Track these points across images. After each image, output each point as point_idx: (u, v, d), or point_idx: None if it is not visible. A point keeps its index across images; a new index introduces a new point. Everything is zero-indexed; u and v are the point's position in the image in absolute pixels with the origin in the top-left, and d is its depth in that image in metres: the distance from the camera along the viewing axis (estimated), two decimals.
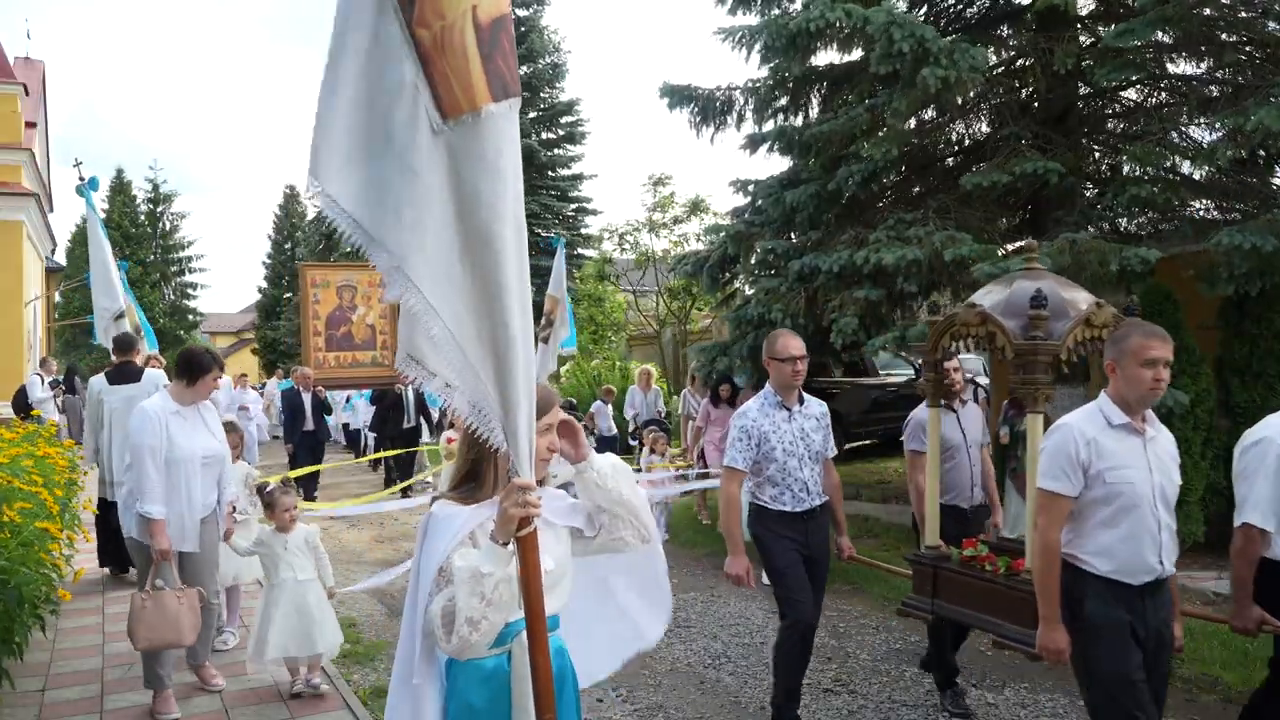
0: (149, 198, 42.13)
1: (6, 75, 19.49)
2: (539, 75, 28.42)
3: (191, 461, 4.40)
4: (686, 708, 4.65)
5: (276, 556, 4.74)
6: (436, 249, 1.83)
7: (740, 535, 4.21)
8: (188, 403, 4.49)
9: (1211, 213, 8.10)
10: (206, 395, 4.57)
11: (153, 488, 4.24)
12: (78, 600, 6.21)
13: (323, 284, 13.12)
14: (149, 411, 4.34)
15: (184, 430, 4.40)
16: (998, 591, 3.82)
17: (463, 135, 1.82)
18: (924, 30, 7.06)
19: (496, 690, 2.11)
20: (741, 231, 9.52)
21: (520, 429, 1.93)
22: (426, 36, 1.77)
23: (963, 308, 4.15)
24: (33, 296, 19.89)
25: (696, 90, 9.49)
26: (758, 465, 4.19)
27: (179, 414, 4.42)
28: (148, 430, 4.28)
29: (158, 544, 4.22)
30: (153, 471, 4.24)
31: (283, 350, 37.85)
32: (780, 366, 4.28)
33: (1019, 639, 3.59)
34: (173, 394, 4.49)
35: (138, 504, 4.25)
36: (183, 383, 4.48)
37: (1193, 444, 6.75)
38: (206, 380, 4.47)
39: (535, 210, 27.07)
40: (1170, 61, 8.11)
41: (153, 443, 4.27)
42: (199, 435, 4.48)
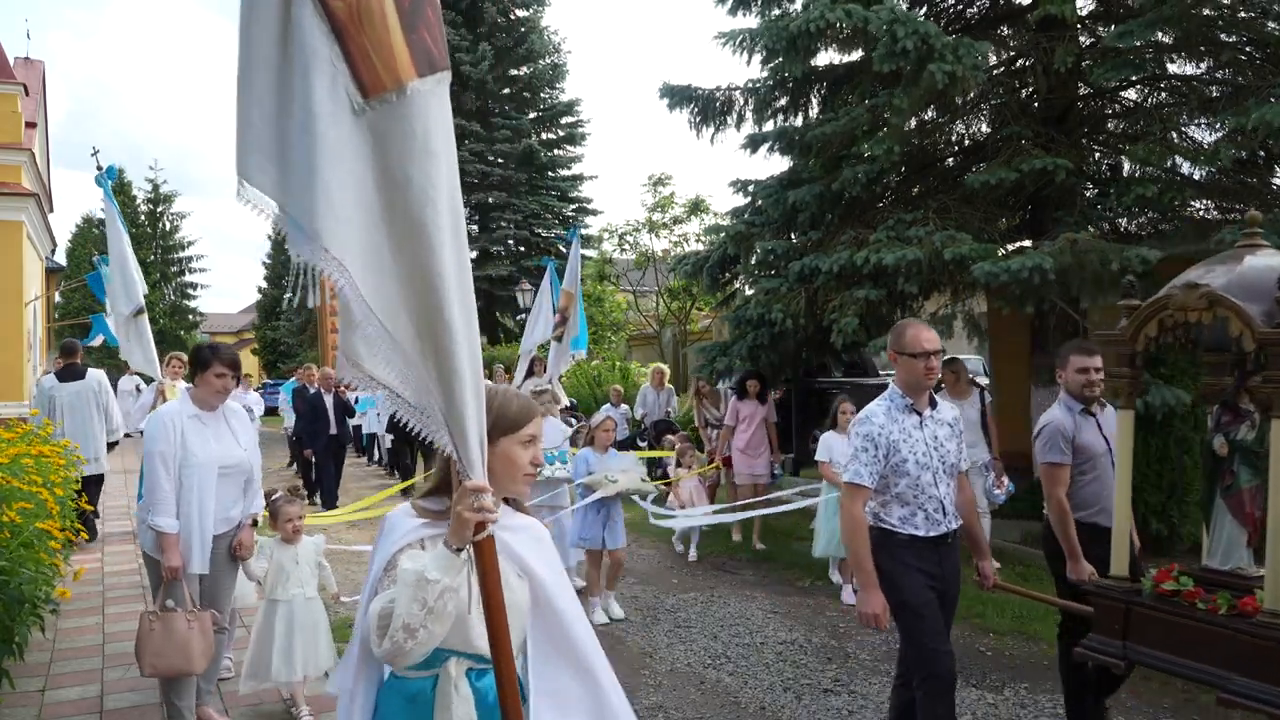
0: (149, 198, 42.20)
1: (6, 75, 19.48)
2: (539, 75, 28.43)
3: (206, 470, 4.01)
4: (686, 708, 4.64)
5: (285, 572, 4.44)
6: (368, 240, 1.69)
7: (872, 568, 3.47)
8: (207, 406, 4.13)
9: (1212, 213, 8.10)
10: (217, 395, 4.13)
11: (164, 499, 3.92)
12: (78, 600, 6.21)
13: None
14: (161, 416, 4.05)
15: (201, 436, 4.04)
16: (1219, 635, 3.02)
17: (387, 115, 1.67)
18: (927, 27, 7.06)
19: (418, 716, 1.94)
20: (741, 232, 9.52)
21: (469, 430, 1.78)
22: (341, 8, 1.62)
23: (1180, 288, 3.38)
24: (33, 296, 19.87)
25: (696, 90, 9.49)
26: (884, 480, 3.52)
27: (197, 418, 4.06)
28: (159, 436, 3.97)
29: (167, 560, 3.92)
30: (164, 481, 3.93)
31: (283, 350, 37.88)
32: (910, 363, 3.54)
33: (1256, 696, 2.84)
34: (192, 396, 4.16)
35: (149, 516, 3.96)
36: (195, 381, 4.17)
37: (1192, 444, 6.74)
38: (206, 377, 4.08)
39: (535, 210, 27.10)
40: (1170, 61, 8.11)
41: (163, 449, 3.95)
42: (219, 442, 4.09)
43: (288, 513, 4.52)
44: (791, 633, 5.85)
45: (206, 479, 4.01)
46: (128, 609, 6.29)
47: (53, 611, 4.95)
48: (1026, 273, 6.51)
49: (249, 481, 4.24)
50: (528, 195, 27.04)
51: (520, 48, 27.97)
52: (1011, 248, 7.95)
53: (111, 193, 8.12)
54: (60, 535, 4.52)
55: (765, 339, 8.87)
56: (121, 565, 7.70)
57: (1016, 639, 5.57)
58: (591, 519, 6.20)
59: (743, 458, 8.65)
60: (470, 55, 26.40)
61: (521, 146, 26.61)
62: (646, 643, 5.70)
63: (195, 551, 4.01)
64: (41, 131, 23.44)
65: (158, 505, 3.93)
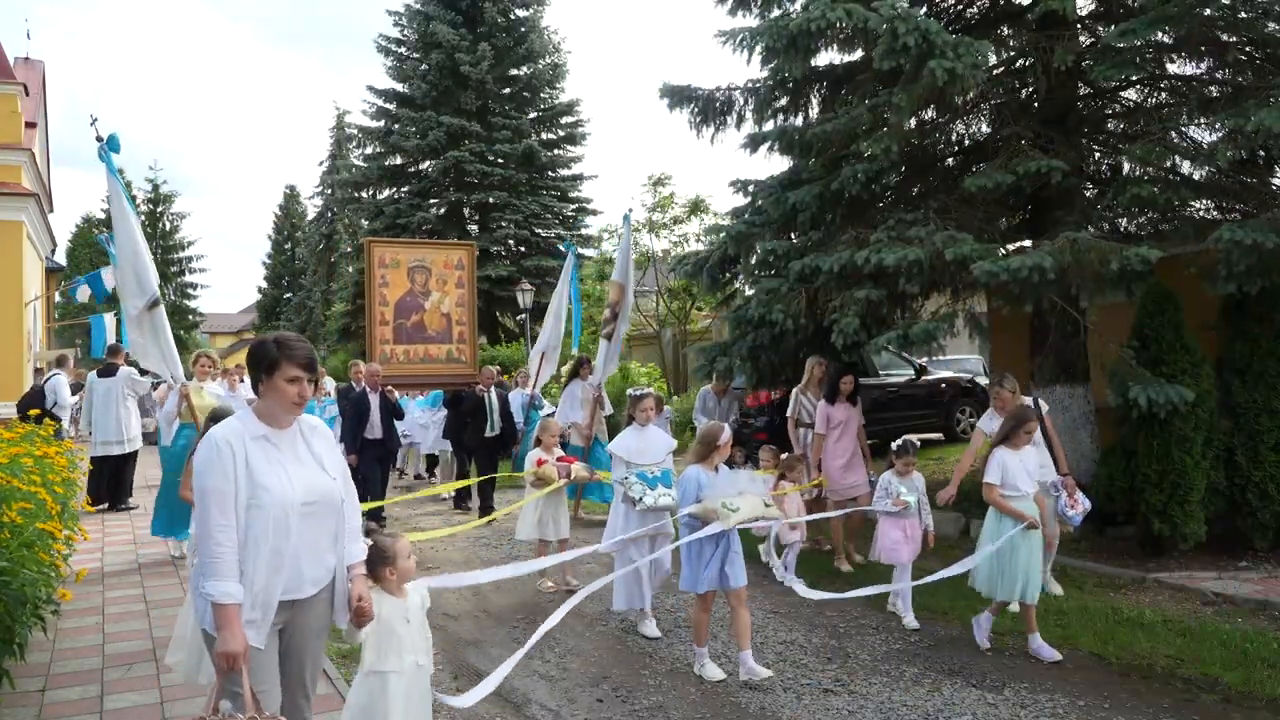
0: (149, 198, 42.22)
1: (6, 75, 19.48)
2: (539, 75, 28.44)
3: (285, 510, 2.88)
4: (686, 708, 4.64)
5: (395, 635, 3.32)
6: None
7: None
8: (279, 422, 3.01)
9: (1212, 213, 8.10)
10: (293, 407, 3.00)
11: (222, 556, 2.77)
12: (78, 600, 6.21)
13: (392, 264, 10.88)
14: (215, 440, 2.87)
15: (274, 464, 2.91)
16: None
17: None
18: (928, 24, 7.05)
19: None
20: (742, 232, 9.51)
21: None
22: None
23: None
24: (33, 296, 19.88)
25: (696, 90, 9.48)
26: None
27: (265, 439, 2.94)
28: (213, 468, 2.83)
29: (225, 644, 2.74)
30: (219, 531, 2.78)
31: None
32: None
33: None
34: (257, 411, 3.04)
35: (201, 580, 2.83)
36: (259, 388, 3.06)
37: (1193, 444, 6.74)
38: (275, 383, 2.96)
39: (535, 210, 27.09)
40: (1170, 61, 8.10)
41: (219, 485, 2.81)
42: (299, 469, 2.98)
43: (403, 549, 3.39)
44: (791, 633, 5.85)
45: (285, 523, 2.89)
46: (128, 609, 6.29)
47: (53, 612, 4.96)
48: (1026, 272, 6.51)
49: (340, 524, 3.08)
50: (528, 195, 27.04)
51: (520, 48, 27.96)
52: (1012, 247, 7.95)
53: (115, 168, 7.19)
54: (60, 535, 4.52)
55: (765, 339, 8.86)
56: (122, 565, 7.71)
57: (1016, 639, 5.57)
58: (708, 554, 4.95)
59: (837, 469, 7.64)
60: (470, 55, 26.39)
61: (521, 146, 26.60)
62: (646, 643, 5.70)
63: (266, 626, 2.88)
64: (41, 131, 23.45)
65: (214, 564, 2.77)
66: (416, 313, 10.96)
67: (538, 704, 4.65)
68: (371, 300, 10.76)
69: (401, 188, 27.96)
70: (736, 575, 4.96)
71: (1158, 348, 6.93)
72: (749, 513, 4.92)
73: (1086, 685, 4.82)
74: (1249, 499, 6.93)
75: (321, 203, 38.24)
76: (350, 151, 35.76)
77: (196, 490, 2.85)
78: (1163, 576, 6.63)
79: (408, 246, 12.13)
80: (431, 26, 26.60)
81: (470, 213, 27.74)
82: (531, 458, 7.05)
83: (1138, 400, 6.47)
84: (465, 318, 11.16)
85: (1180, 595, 6.37)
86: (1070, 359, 8.05)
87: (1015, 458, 5.29)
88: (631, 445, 5.99)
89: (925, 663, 5.25)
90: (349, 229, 35.99)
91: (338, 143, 37.51)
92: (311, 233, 39.28)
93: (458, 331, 11.10)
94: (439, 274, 11.08)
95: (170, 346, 7.19)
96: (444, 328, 11.09)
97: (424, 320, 11.01)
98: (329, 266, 37.54)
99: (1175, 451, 6.71)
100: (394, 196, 27.67)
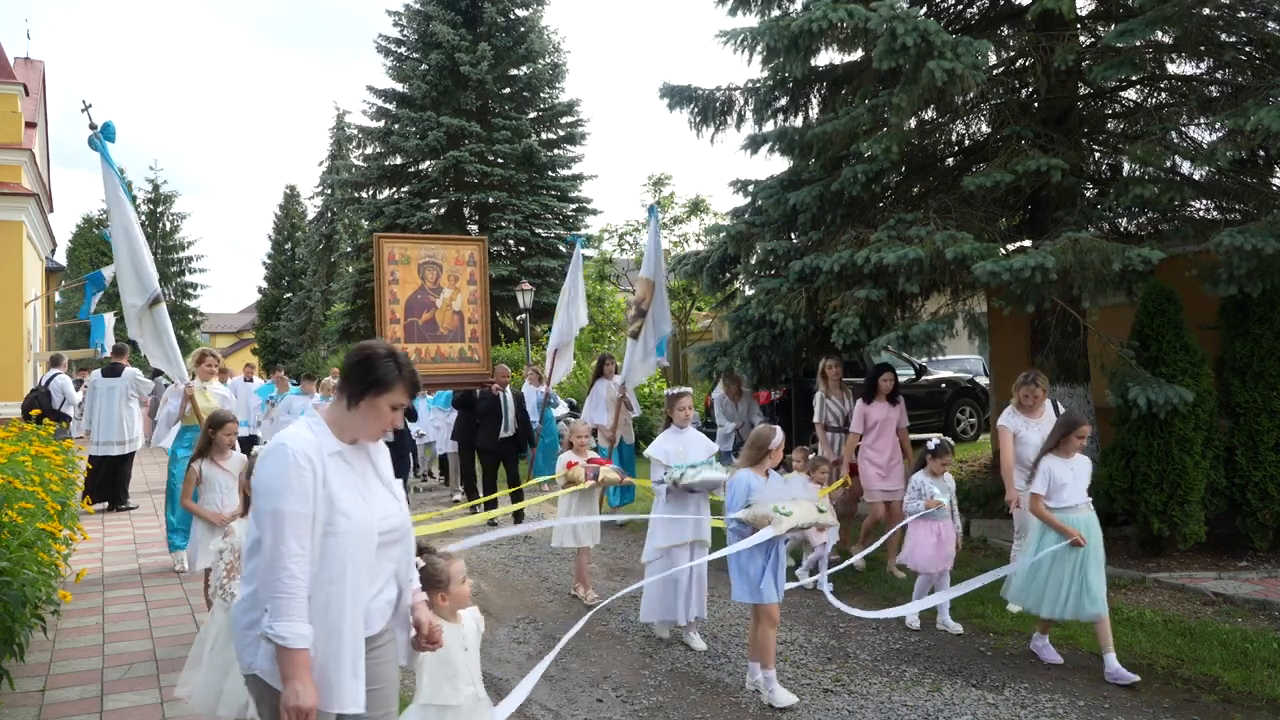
0: (149, 198, 42.22)
1: (6, 75, 19.48)
2: (539, 75, 28.42)
3: (364, 539, 2.48)
4: (686, 708, 4.64)
5: (452, 665, 3.03)
6: None
7: None
8: (359, 438, 2.60)
9: (1212, 213, 8.10)
10: (381, 432, 2.64)
11: (295, 592, 2.33)
12: (78, 600, 6.21)
13: (402, 260, 10.52)
14: (291, 452, 2.41)
15: (353, 487, 2.51)
16: None
17: None
18: (927, 24, 7.05)
19: None
20: (742, 232, 9.50)
21: None
22: None
23: None
24: (33, 296, 19.88)
25: (696, 90, 9.48)
26: None
27: (341, 456, 2.52)
28: (290, 485, 2.38)
29: (296, 698, 2.31)
30: (294, 561, 2.34)
31: (283, 350, 37.89)
32: None
33: None
34: (331, 420, 2.57)
35: (265, 619, 2.34)
36: (345, 399, 2.57)
37: (1193, 444, 6.74)
38: (377, 403, 2.55)
39: (535, 210, 27.08)
40: (1170, 61, 8.11)
41: (297, 509, 2.37)
42: (375, 492, 2.59)
43: (451, 575, 3.07)
44: (791, 633, 5.85)
45: (363, 556, 2.48)
46: (128, 609, 6.29)
47: (53, 612, 4.96)
48: (1028, 272, 6.51)
49: (406, 554, 2.71)
50: (528, 195, 27.02)
51: (520, 48, 27.95)
52: (1012, 247, 7.95)
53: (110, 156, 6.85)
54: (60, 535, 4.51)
55: (766, 339, 8.86)
56: (122, 566, 7.70)
57: (1017, 639, 5.57)
58: (759, 563, 4.69)
59: (875, 472, 7.31)
60: (470, 55, 26.38)
61: (521, 146, 26.58)
62: (646, 643, 5.70)
63: (345, 675, 2.41)
64: (41, 131, 23.45)
65: (286, 601, 2.32)
66: (428, 310, 10.62)
67: (538, 704, 4.65)
68: (381, 298, 10.39)
69: (401, 188, 27.94)
70: (780, 587, 4.78)
71: (1158, 348, 6.93)
72: (802, 518, 4.68)
73: (1086, 685, 4.82)
74: (1249, 499, 6.93)
75: (321, 203, 38.20)
76: (350, 151, 35.71)
77: (266, 511, 2.36)
78: (1163, 576, 6.63)
79: (417, 242, 11.64)
80: (431, 26, 26.58)
81: (470, 213, 27.72)
82: (562, 460, 6.81)
83: (1138, 400, 6.46)
84: (478, 315, 10.82)
85: (1180, 595, 6.37)
86: (1070, 359, 8.04)
87: (1065, 466, 5.04)
88: (670, 448, 5.67)
89: (925, 663, 5.25)
90: (349, 229, 35.95)
91: (338, 143, 37.47)
92: (311, 233, 39.21)
93: (470, 330, 10.77)
94: (450, 270, 10.76)
95: (173, 345, 7.04)
96: (456, 326, 10.75)
97: (435, 318, 10.68)
98: (329, 266, 37.48)
99: (1175, 451, 6.71)
100: (394, 196, 27.65)
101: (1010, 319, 8.65)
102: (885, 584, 6.94)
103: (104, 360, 11.79)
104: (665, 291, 9.20)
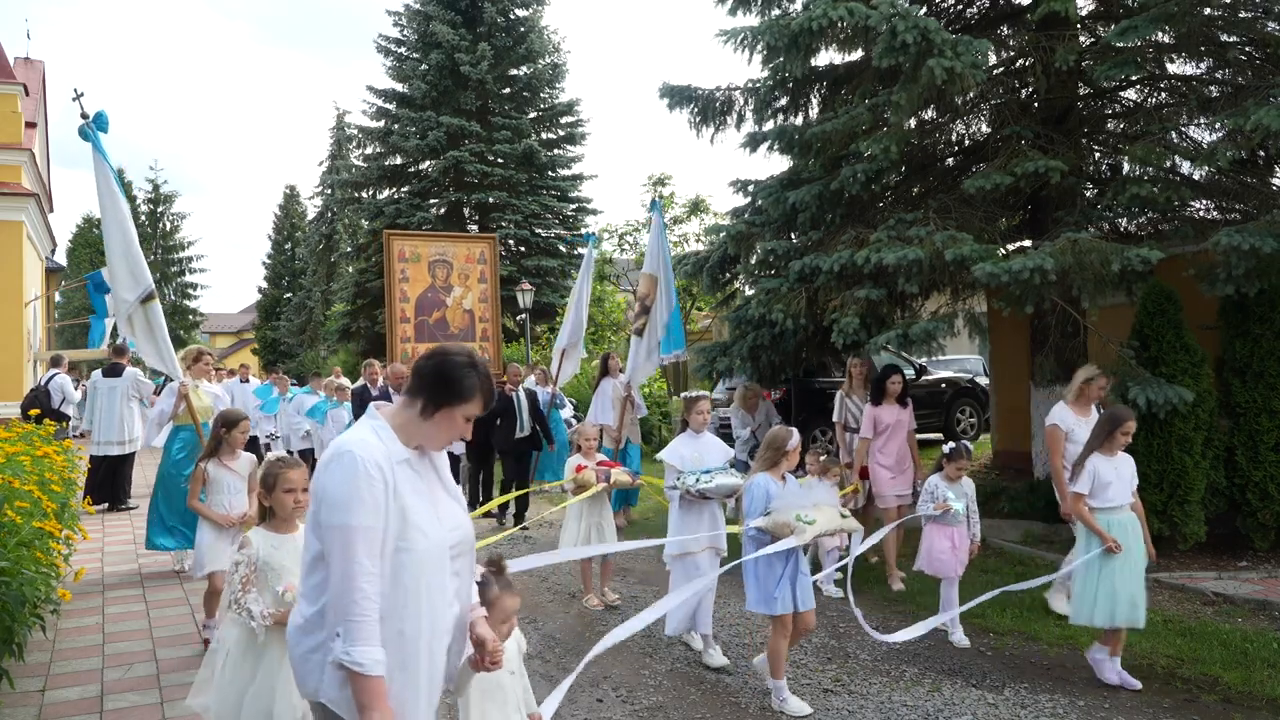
0: (149, 198, 42.26)
1: (6, 75, 19.48)
2: (539, 75, 28.41)
3: (438, 555, 2.30)
4: (686, 708, 4.64)
5: (503, 691, 2.90)
6: None
7: None
8: (425, 446, 2.39)
9: (1211, 213, 8.10)
10: (446, 443, 2.43)
11: (370, 615, 2.14)
12: (78, 600, 6.22)
13: (412, 257, 10.34)
14: (362, 460, 2.19)
15: (420, 495, 2.30)
16: None
17: None
18: (927, 22, 7.05)
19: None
20: (742, 232, 9.51)
21: None
22: None
23: None
24: (33, 296, 19.88)
25: (696, 90, 9.48)
26: None
27: (409, 464, 2.31)
28: (364, 500, 2.16)
29: None
30: (368, 581, 2.14)
31: (283, 350, 37.91)
32: None
33: None
34: (398, 425, 2.34)
35: (338, 644, 2.14)
36: (417, 405, 2.34)
37: (1193, 444, 6.74)
38: (452, 415, 2.35)
39: (535, 210, 27.07)
40: (1170, 61, 8.11)
41: (370, 523, 2.16)
42: (443, 503, 2.39)
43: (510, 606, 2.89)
44: None
45: (437, 577, 2.30)
46: (128, 609, 6.29)
47: (53, 611, 4.96)
48: (1027, 273, 6.51)
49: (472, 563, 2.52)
50: (528, 195, 27.02)
51: (520, 48, 27.94)
52: (1012, 248, 7.95)
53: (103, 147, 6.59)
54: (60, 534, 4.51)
55: (766, 339, 8.85)
56: (122, 566, 7.70)
57: (1016, 639, 5.57)
58: (778, 572, 4.53)
59: (885, 475, 7.12)
60: (470, 55, 26.38)
61: (521, 146, 26.57)
62: (646, 643, 5.69)
63: (421, 709, 2.27)
64: (41, 131, 23.46)
65: (361, 625, 2.13)
66: (438, 309, 10.50)
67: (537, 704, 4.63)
68: (391, 296, 10.21)
69: (401, 188, 27.93)
70: (805, 597, 4.56)
71: (1158, 348, 6.93)
72: (826, 525, 4.49)
73: (1086, 685, 4.82)
74: (1249, 499, 6.93)
75: (321, 203, 38.24)
76: (350, 151, 35.73)
77: (335, 526, 2.15)
78: (1163, 576, 6.63)
79: (428, 239, 11.46)
80: (431, 26, 26.58)
81: (470, 213, 27.71)
82: (571, 463, 6.60)
83: (1137, 400, 6.46)
84: (488, 314, 10.71)
85: (1180, 595, 6.37)
86: (1070, 359, 8.04)
87: (1109, 465, 4.88)
88: (685, 453, 5.41)
89: (925, 663, 5.24)
90: (349, 229, 35.97)
91: (338, 143, 37.49)
92: (311, 233, 39.25)
93: (481, 329, 10.68)
94: (460, 268, 10.62)
95: (167, 343, 6.80)
96: (467, 324, 10.66)
97: (446, 317, 10.56)
98: (329, 266, 37.51)
99: (1175, 451, 6.71)
100: (394, 196, 27.64)
101: (1010, 319, 8.66)
102: (883, 584, 6.93)
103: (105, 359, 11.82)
104: (672, 285, 9.06)
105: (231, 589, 3.41)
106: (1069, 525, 5.86)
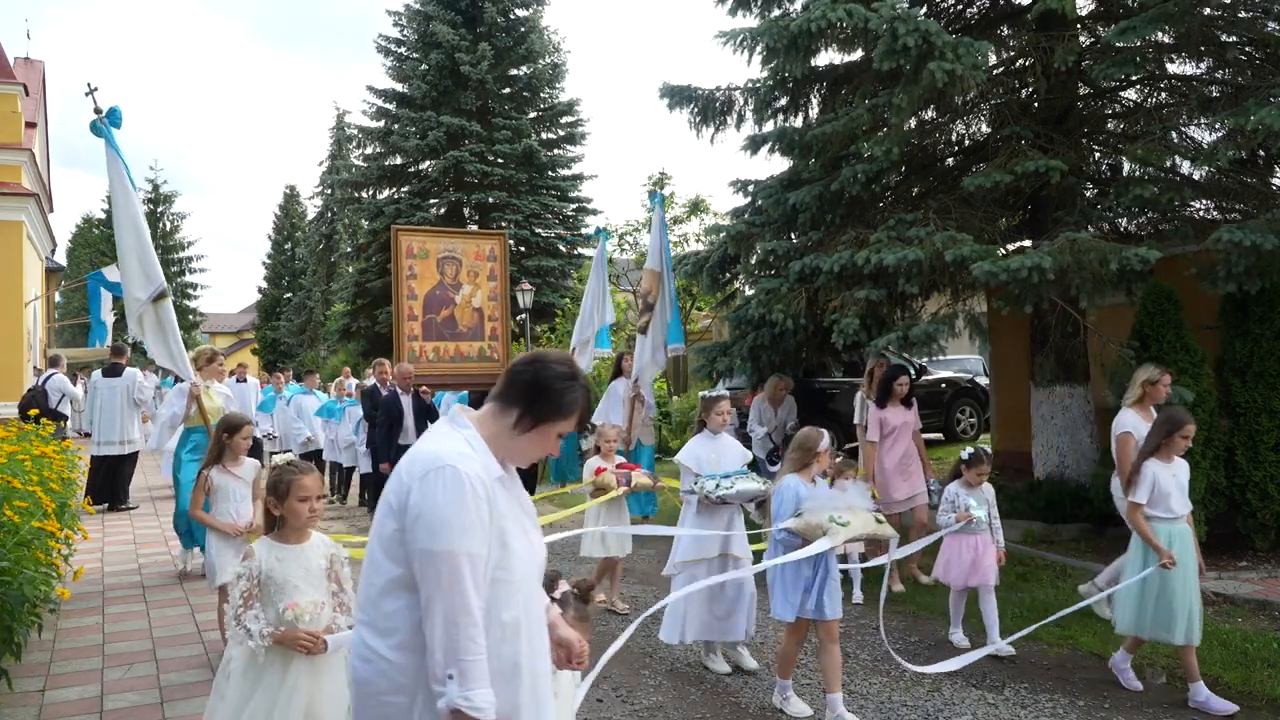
0: (149, 198, 42.21)
1: (6, 75, 19.49)
2: (539, 75, 28.43)
3: (534, 584, 2.17)
4: (686, 708, 4.64)
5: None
6: None
7: None
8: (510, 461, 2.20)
9: (1211, 213, 8.10)
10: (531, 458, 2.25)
11: (479, 654, 1.93)
12: (77, 600, 6.21)
13: (420, 254, 10.03)
14: (468, 477, 1.97)
15: (515, 518, 2.11)
16: None
17: None
18: (928, 24, 7.05)
19: None
20: (742, 232, 9.51)
21: None
22: None
23: None
24: (33, 296, 19.89)
25: (696, 90, 9.48)
26: None
27: (502, 482, 2.09)
28: (471, 523, 1.95)
29: None
30: (476, 610, 1.94)
31: (283, 350, 37.91)
32: None
33: None
34: (489, 437, 2.13)
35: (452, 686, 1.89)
36: (511, 417, 2.13)
37: (1193, 444, 6.72)
38: (548, 430, 2.16)
39: (535, 210, 27.09)
40: (1170, 61, 8.11)
41: (478, 549, 1.96)
42: (532, 525, 2.20)
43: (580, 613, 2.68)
44: None
45: (536, 607, 2.16)
46: (128, 609, 6.29)
47: (52, 611, 4.95)
48: (1026, 272, 6.51)
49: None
50: (528, 195, 27.04)
51: (520, 48, 27.95)
52: (1012, 248, 7.95)
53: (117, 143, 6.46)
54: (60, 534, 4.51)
55: (766, 339, 8.85)
56: (122, 566, 7.70)
57: (1017, 640, 5.56)
58: (806, 578, 4.38)
59: (896, 477, 6.97)
60: (470, 55, 26.39)
61: (521, 146, 26.59)
62: (646, 643, 5.69)
63: None
64: (41, 131, 23.45)
65: (472, 666, 1.91)
66: (447, 307, 10.12)
67: None
68: (399, 293, 9.95)
69: (401, 188, 27.96)
70: (834, 604, 4.38)
71: (1158, 348, 6.92)
72: (860, 529, 4.31)
73: (1086, 685, 4.82)
74: (1249, 499, 6.93)
75: (321, 203, 38.26)
76: (350, 151, 35.75)
77: (439, 552, 1.91)
78: None
79: (436, 235, 11.12)
80: (431, 26, 26.59)
81: (470, 213, 27.72)
82: (590, 466, 6.42)
83: None
84: (498, 312, 10.36)
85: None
86: (1070, 359, 8.04)
87: (1168, 471, 4.60)
88: (702, 454, 5.25)
89: (925, 663, 5.24)
90: (349, 229, 35.99)
91: (338, 143, 37.51)
92: (311, 233, 39.27)
93: (490, 328, 10.31)
94: (470, 265, 10.27)
95: (178, 342, 6.68)
96: (476, 323, 10.25)
97: (455, 315, 10.16)
98: (329, 266, 37.53)
99: None
100: (394, 196, 27.66)
101: (1010, 319, 8.66)
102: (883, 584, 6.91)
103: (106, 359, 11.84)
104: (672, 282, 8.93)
105: (233, 605, 3.21)
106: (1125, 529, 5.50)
